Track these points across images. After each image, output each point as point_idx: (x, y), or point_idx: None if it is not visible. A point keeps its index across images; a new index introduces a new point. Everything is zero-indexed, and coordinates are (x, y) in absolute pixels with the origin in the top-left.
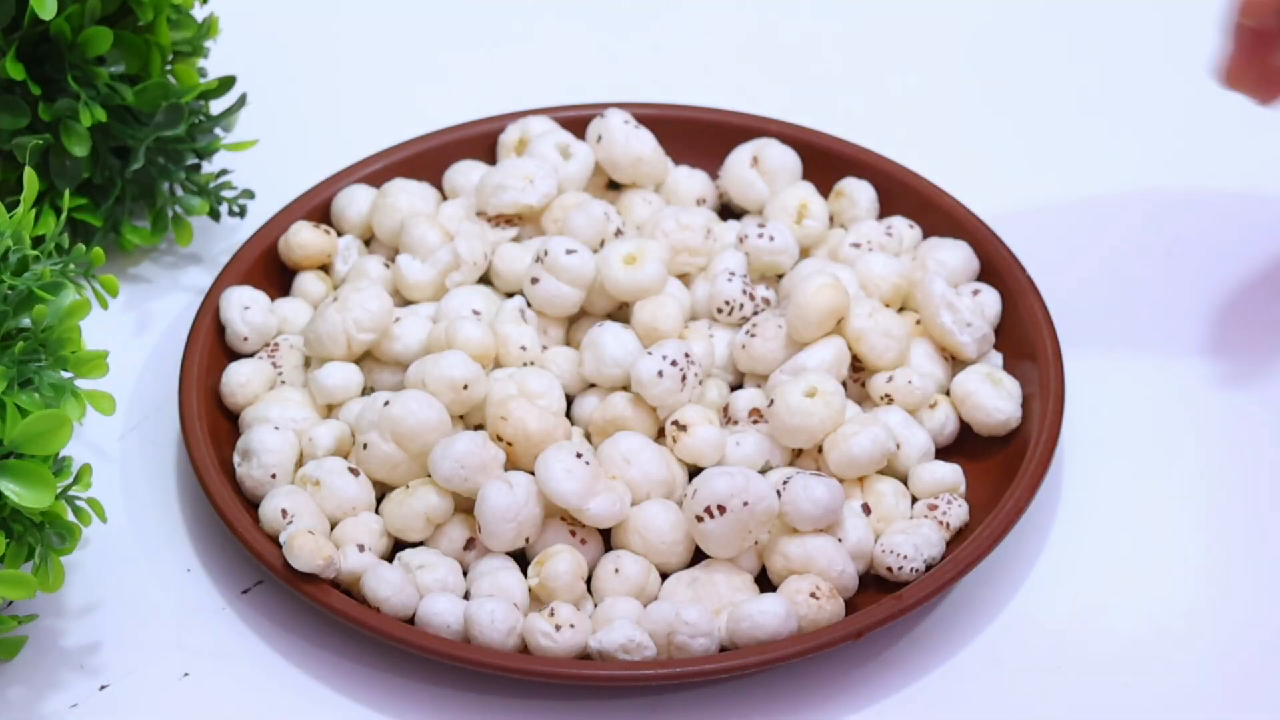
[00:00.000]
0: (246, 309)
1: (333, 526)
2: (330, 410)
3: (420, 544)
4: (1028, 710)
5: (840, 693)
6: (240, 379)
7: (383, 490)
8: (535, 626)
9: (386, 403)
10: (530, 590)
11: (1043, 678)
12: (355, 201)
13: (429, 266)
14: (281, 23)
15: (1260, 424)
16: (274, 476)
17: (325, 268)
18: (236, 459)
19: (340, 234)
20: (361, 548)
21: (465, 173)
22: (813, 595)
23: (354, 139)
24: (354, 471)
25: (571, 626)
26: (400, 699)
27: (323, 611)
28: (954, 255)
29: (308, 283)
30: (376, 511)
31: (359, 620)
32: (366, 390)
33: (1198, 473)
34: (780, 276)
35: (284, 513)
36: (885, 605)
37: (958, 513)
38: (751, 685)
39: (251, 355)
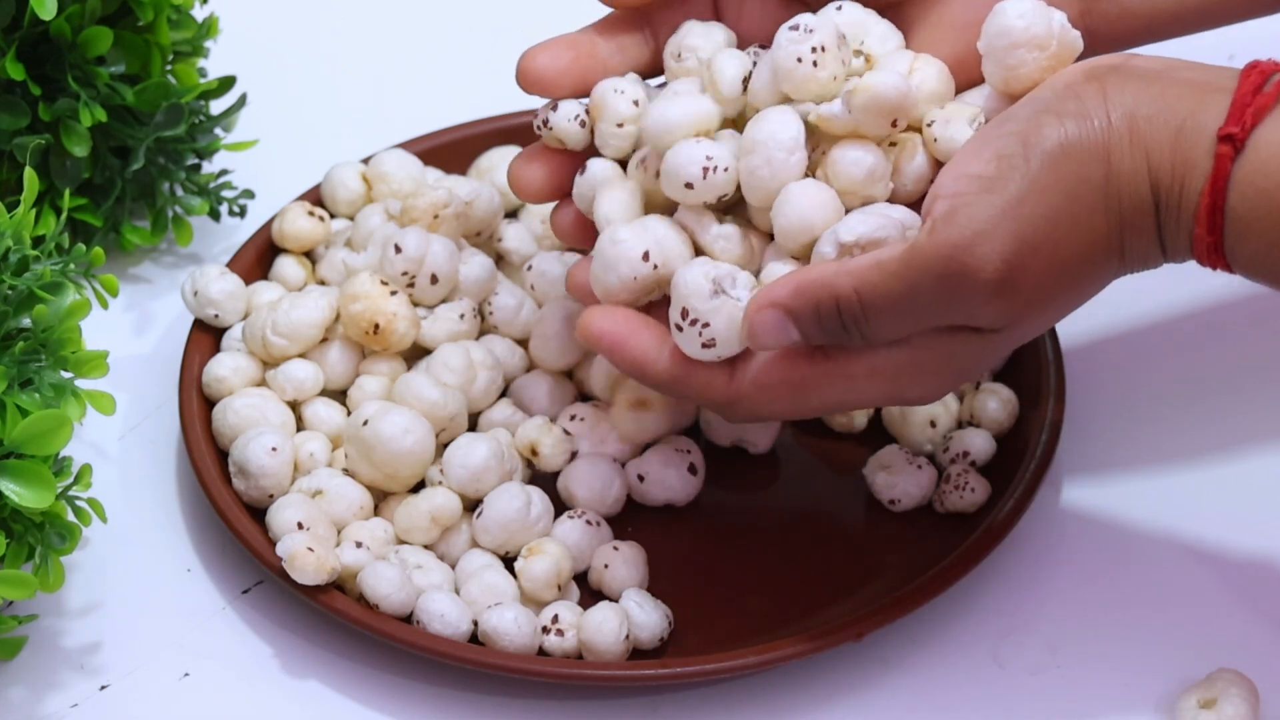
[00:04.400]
0: (215, 282)
1: (339, 530)
2: (298, 405)
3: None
4: (1028, 710)
5: (840, 693)
6: (222, 372)
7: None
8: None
9: (365, 422)
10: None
11: (1043, 678)
12: (345, 184)
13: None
14: (281, 23)
15: (1261, 423)
16: (271, 497)
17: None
18: (233, 469)
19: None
20: (359, 544)
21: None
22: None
23: (353, 139)
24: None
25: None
26: (400, 699)
27: (323, 611)
28: None
29: (286, 267)
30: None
31: (360, 621)
32: (329, 390)
33: (1198, 472)
34: None
35: (300, 526)
36: (885, 605)
37: (970, 498)
38: (751, 685)
39: (224, 330)
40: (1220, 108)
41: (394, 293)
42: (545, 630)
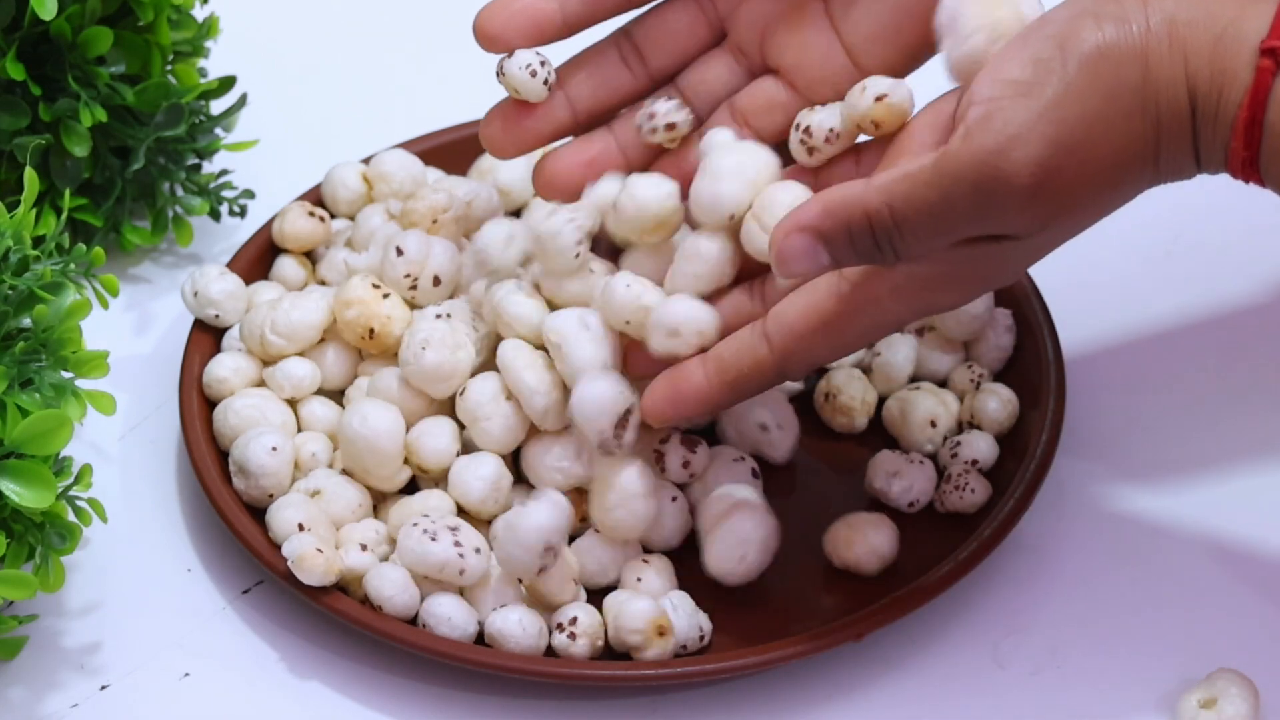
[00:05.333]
0: (215, 282)
1: (337, 529)
2: (296, 404)
3: None
4: (1028, 710)
5: (840, 693)
6: (223, 373)
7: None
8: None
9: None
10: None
11: (1043, 678)
12: (345, 183)
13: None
14: (281, 23)
15: (1262, 423)
16: (271, 496)
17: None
18: (233, 468)
19: (335, 216)
20: (364, 547)
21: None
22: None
23: (354, 139)
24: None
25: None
26: (401, 699)
27: (323, 611)
28: None
29: (286, 267)
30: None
31: (363, 622)
32: (327, 389)
33: (1198, 472)
34: None
35: (300, 526)
36: (885, 605)
37: (971, 498)
38: (752, 685)
39: (224, 330)
40: (1263, 18)
41: (386, 295)
42: (560, 628)
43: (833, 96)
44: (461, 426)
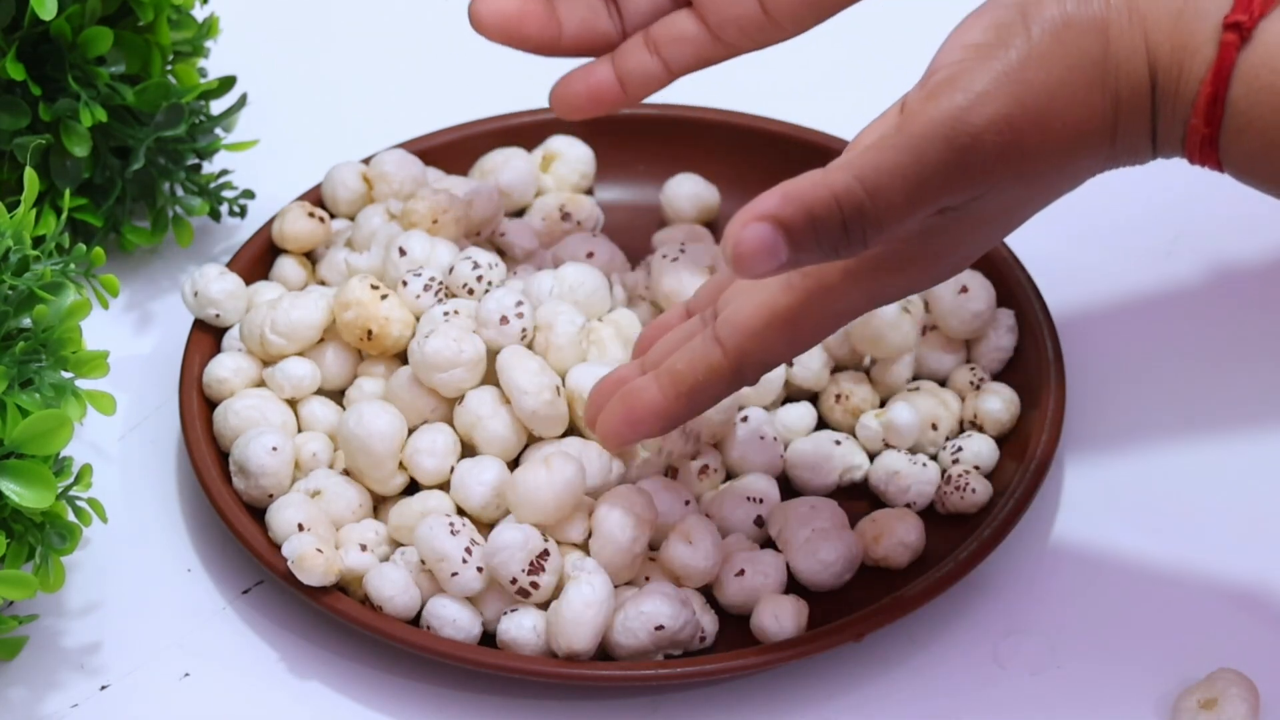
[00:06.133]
0: (214, 282)
1: (337, 530)
2: (295, 404)
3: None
4: (1028, 710)
5: (840, 693)
6: (223, 373)
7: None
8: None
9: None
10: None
11: (1043, 678)
12: (344, 183)
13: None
14: (281, 23)
15: (1260, 423)
16: (271, 496)
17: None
18: (233, 468)
19: (335, 217)
20: (364, 547)
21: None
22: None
23: (354, 139)
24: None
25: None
26: (401, 699)
27: (323, 611)
28: None
29: (286, 267)
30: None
31: (361, 622)
32: (327, 390)
33: (1198, 471)
34: None
35: (300, 526)
36: (885, 605)
37: (971, 498)
38: (751, 685)
39: (224, 330)
40: None
41: (384, 296)
42: None
43: (738, 39)
44: (461, 439)
